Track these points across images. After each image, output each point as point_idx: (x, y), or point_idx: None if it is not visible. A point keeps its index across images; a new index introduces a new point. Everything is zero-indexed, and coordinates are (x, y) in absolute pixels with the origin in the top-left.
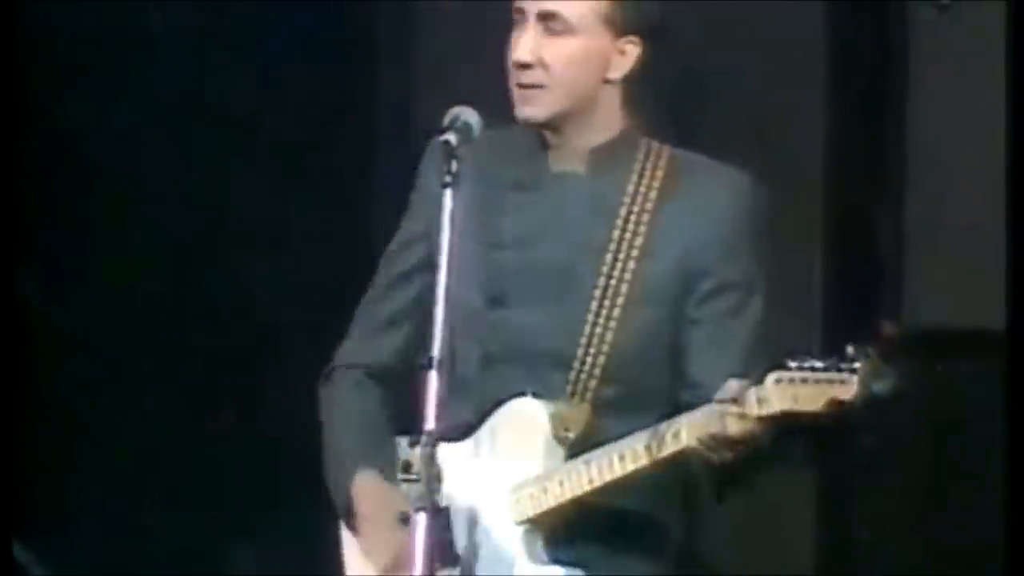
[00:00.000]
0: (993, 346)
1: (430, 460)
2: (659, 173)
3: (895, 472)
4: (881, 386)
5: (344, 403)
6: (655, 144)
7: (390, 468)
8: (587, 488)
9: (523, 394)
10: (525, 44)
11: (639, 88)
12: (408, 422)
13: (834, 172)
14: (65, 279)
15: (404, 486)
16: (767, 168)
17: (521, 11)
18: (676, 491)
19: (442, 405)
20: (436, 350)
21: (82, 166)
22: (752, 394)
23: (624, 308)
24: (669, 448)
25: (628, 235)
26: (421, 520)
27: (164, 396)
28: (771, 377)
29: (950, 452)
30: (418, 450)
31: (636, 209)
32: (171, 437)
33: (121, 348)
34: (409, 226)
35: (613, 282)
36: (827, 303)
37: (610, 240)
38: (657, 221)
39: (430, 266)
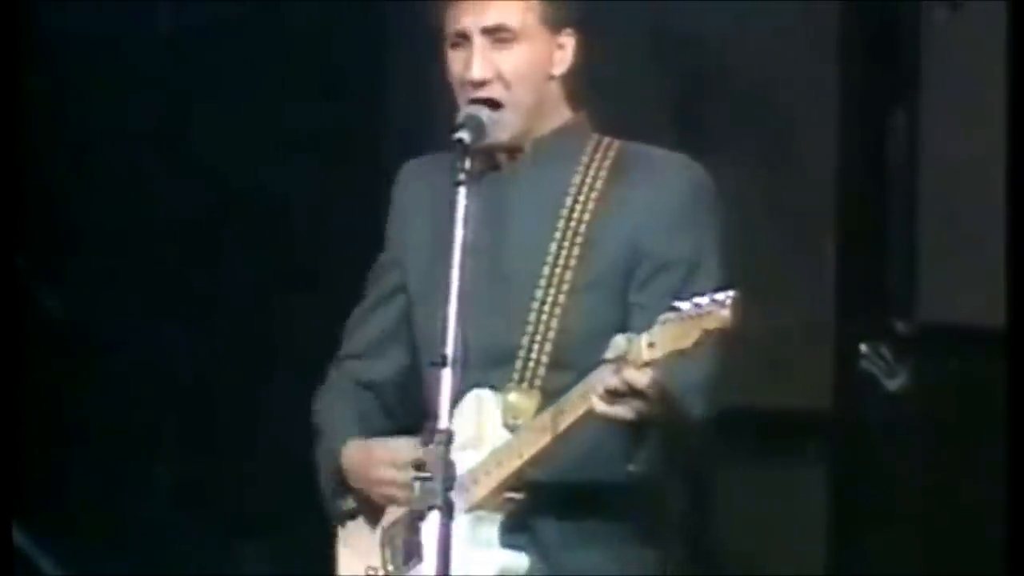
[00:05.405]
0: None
1: (444, 458)
2: (607, 163)
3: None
4: (895, 384)
5: (337, 405)
6: (605, 139)
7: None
8: (518, 463)
9: (479, 386)
10: (478, 62)
11: (580, 82)
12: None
13: (847, 172)
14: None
15: (417, 484)
16: (780, 168)
17: (462, 34)
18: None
19: (456, 402)
20: (449, 348)
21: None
22: (644, 340)
23: (569, 295)
24: (576, 412)
25: (573, 223)
26: (435, 518)
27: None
28: (659, 319)
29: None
30: (432, 448)
31: (582, 199)
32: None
33: (123, 335)
34: (386, 254)
35: (558, 270)
36: (840, 300)
37: (555, 229)
38: (603, 210)
39: (404, 292)
